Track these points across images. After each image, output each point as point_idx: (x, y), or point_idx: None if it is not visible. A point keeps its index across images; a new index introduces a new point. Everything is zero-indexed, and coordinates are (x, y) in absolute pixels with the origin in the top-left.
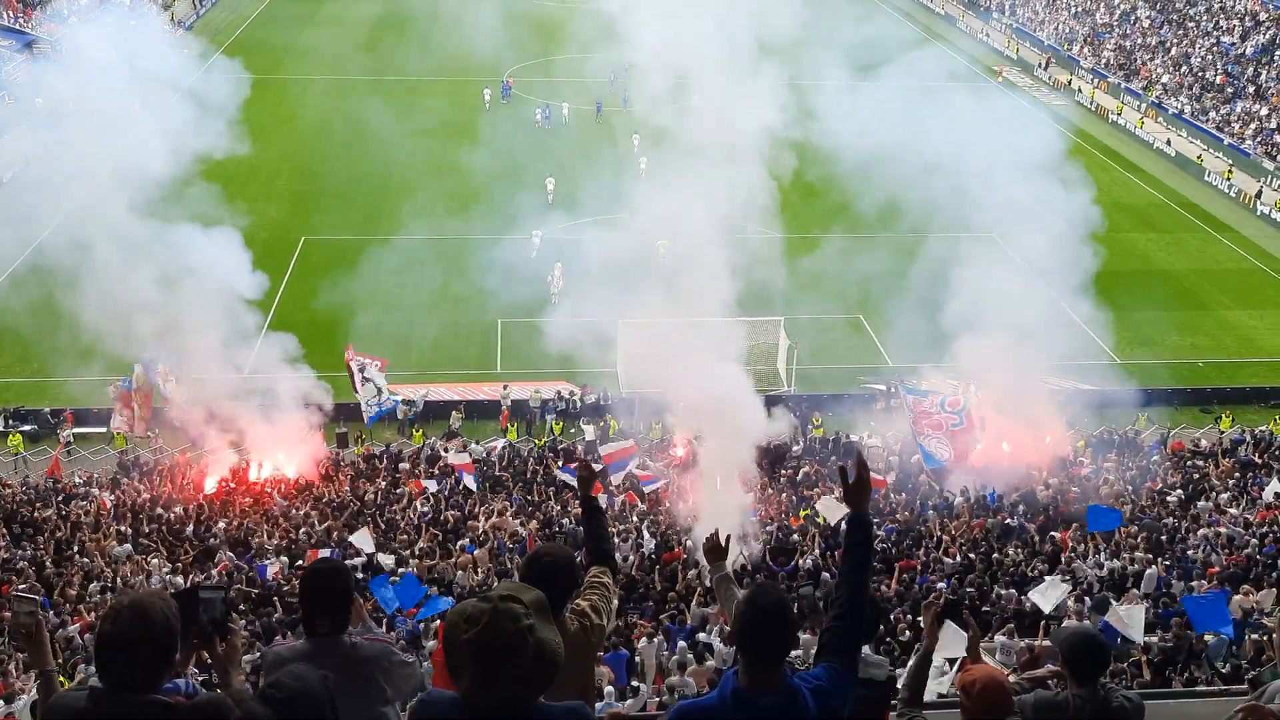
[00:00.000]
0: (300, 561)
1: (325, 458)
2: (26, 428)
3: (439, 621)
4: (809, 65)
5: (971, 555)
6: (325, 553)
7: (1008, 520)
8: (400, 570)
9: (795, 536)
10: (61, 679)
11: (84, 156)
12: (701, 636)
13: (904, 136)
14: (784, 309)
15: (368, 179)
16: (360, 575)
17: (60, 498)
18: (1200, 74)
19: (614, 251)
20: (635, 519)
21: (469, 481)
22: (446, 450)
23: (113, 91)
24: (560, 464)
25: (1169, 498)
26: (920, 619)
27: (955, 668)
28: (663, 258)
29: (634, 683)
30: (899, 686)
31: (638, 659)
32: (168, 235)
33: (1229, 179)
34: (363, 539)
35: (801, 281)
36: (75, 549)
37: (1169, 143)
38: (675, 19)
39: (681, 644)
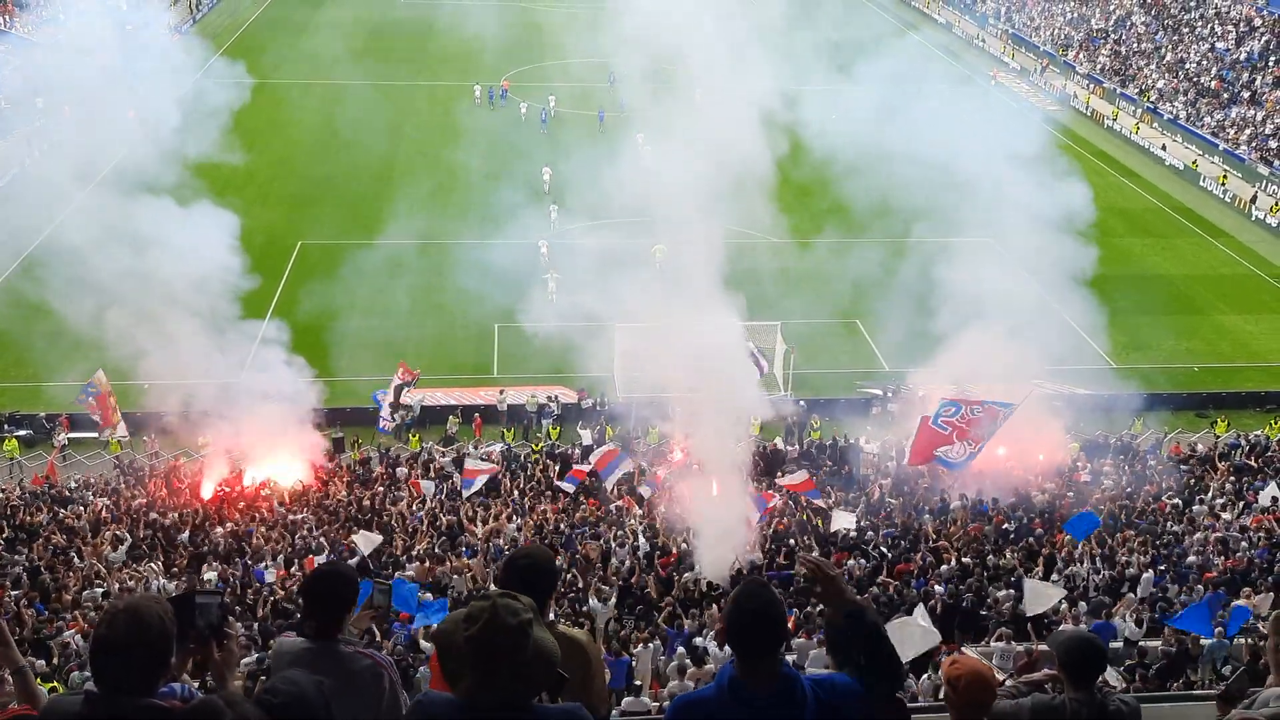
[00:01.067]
0: (295, 566)
1: (322, 462)
2: (21, 433)
3: (435, 625)
4: (804, 68)
5: (967, 559)
6: (322, 558)
7: (1005, 525)
8: (396, 574)
9: (792, 540)
10: (56, 684)
11: (79, 162)
12: (699, 641)
13: (899, 141)
14: (780, 313)
15: (364, 183)
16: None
17: (57, 503)
18: (1195, 79)
19: (611, 255)
20: (633, 523)
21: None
22: (443, 454)
23: (109, 96)
24: (557, 470)
25: (1164, 501)
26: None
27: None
28: (659, 262)
29: (636, 681)
30: None
31: (634, 664)
32: (161, 238)
33: (1224, 184)
34: (365, 540)
35: (798, 285)
36: (71, 553)
37: (1164, 148)
38: (670, 20)
39: (680, 649)
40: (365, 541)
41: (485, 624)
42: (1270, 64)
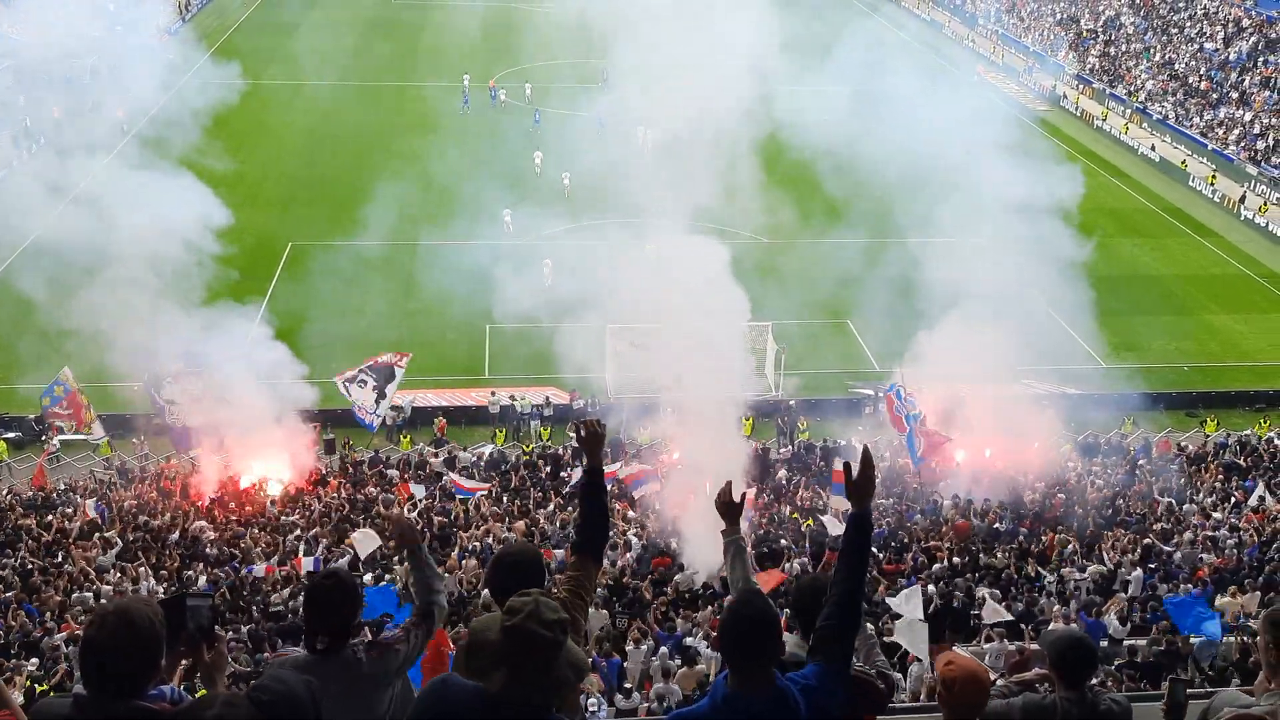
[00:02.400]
0: (287, 568)
1: (314, 464)
2: (10, 435)
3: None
4: (797, 69)
5: (957, 559)
6: (310, 560)
7: (996, 525)
8: (386, 578)
9: (783, 541)
10: (46, 686)
11: (69, 162)
12: (689, 641)
13: (891, 141)
14: (770, 313)
15: (355, 183)
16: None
17: (50, 507)
18: (1184, 80)
19: (603, 255)
20: (624, 524)
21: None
22: (435, 456)
23: (98, 96)
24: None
25: (1157, 500)
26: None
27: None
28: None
29: (627, 684)
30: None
31: (627, 665)
32: (150, 240)
33: (1213, 184)
34: (364, 541)
35: (786, 284)
36: (60, 556)
37: (1153, 148)
38: (660, 18)
39: (664, 650)
40: (363, 543)
41: (528, 615)
42: (1258, 64)
